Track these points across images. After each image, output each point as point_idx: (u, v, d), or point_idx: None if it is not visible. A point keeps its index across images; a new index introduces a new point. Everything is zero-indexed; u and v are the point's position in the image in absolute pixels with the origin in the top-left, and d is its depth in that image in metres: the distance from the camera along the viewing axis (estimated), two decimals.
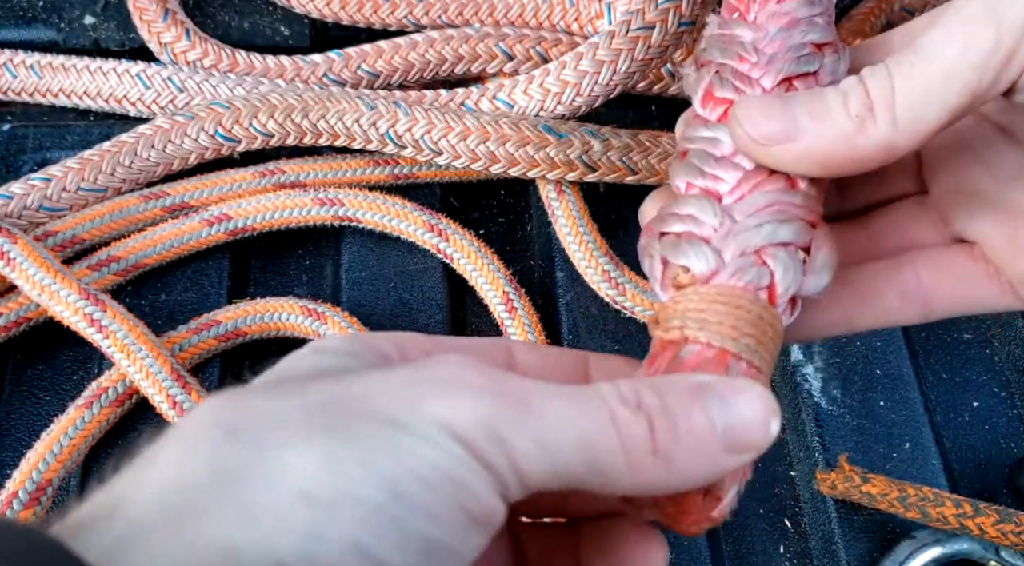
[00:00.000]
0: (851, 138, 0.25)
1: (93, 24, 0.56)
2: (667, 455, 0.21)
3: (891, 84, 0.25)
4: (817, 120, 0.25)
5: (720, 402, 0.22)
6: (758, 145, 0.26)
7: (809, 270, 0.26)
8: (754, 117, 0.26)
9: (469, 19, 0.54)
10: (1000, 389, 0.50)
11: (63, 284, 0.44)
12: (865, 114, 0.25)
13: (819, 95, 0.26)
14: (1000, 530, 0.41)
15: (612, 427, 0.21)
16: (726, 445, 0.22)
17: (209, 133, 0.49)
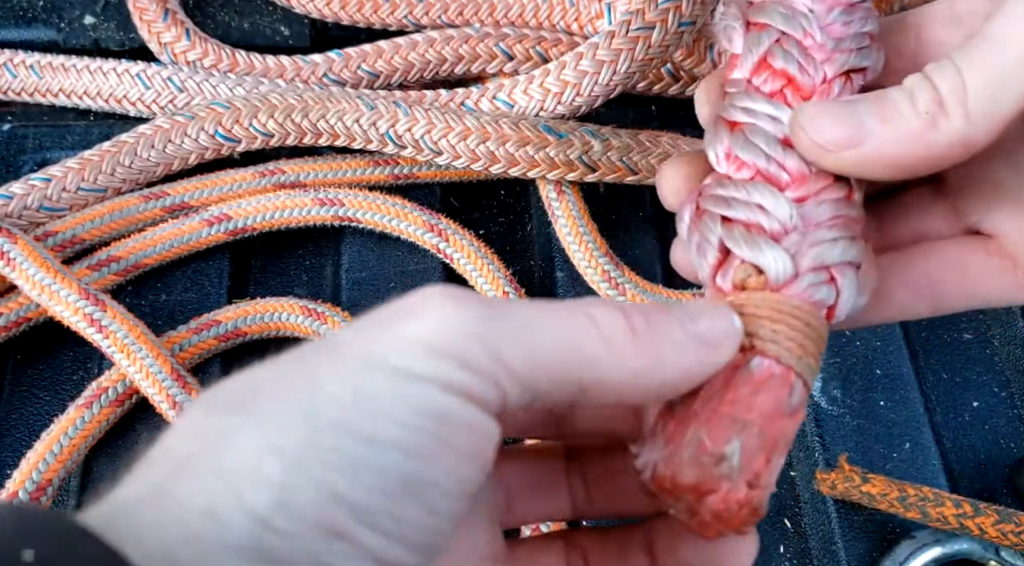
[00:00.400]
0: (923, 137, 0.24)
1: (93, 24, 0.56)
2: (644, 338, 0.22)
3: (961, 78, 0.24)
4: (885, 122, 0.25)
5: (680, 308, 0.23)
6: (825, 151, 0.25)
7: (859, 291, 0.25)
8: (819, 123, 0.25)
9: (469, 19, 0.54)
10: (1000, 389, 0.50)
11: (63, 284, 0.44)
12: (936, 111, 0.24)
13: (884, 96, 0.25)
14: (1000, 530, 0.41)
15: (591, 323, 0.22)
16: (698, 339, 0.23)
17: (209, 133, 0.49)
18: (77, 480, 0.44)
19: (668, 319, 0.23)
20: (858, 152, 0.25)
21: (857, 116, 0.25)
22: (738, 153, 0.26)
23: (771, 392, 0.23)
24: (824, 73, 0.26)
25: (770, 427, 0.22)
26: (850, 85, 0.26)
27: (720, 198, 0.25)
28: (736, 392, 0.23)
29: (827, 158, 0.25)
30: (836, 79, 0.26)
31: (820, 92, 0.26)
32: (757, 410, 0.23)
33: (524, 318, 0.21)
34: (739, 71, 0.27)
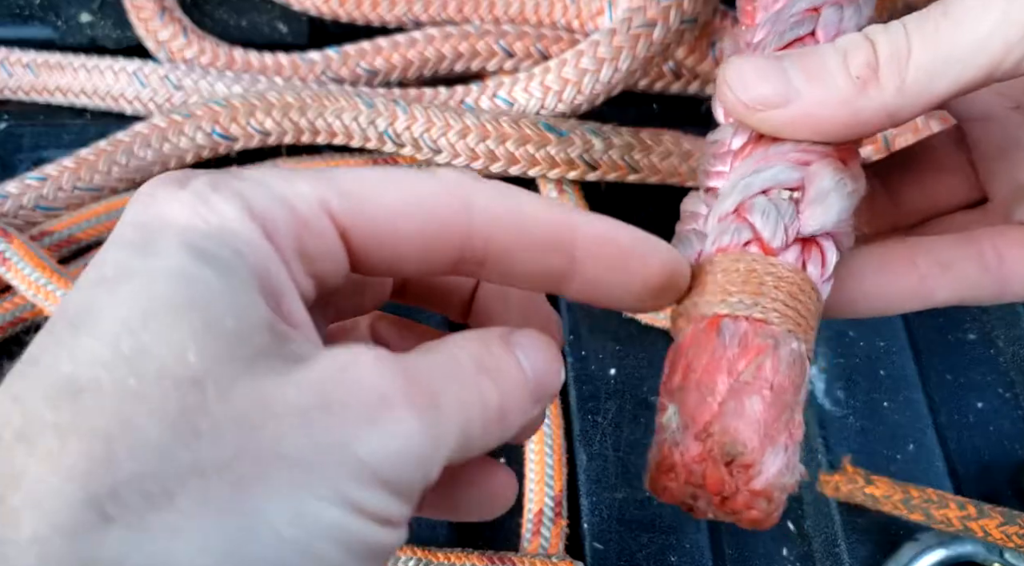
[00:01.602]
0: (851, 101, 0.23)
1: (89, 22, 0.56)
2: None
3: (908, 44, 0.23)
4: (813, 81, 0.23)
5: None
6: (751, 110, 0.24)
7: (804, 205, 0.24)
8: (745, 79, 0.24)
9: (469, 16, 0.54)
10: (1005, 391, 0.49)
11: (59, 284, 0.44)
12: (868, 75, 0.23)
13: (815, 52, 0.24)
14: (1004, 532, 0.41)
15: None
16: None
17: (206, 132, 0.48)
18: None
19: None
20: (784, 112, 0.24)
21: (784, 73, 0.24)
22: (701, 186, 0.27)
23: (698, 346, 0.23)
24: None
25: (709, 376, 0.22)
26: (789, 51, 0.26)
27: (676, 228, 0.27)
28: (672, 369, 0.24)
29: (753, 117, 0.24)
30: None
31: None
32: (688, 369, 0.23)
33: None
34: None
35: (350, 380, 0.18)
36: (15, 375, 0.18)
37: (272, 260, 0.19)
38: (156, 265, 0.17)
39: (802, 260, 0.24)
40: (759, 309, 0.23)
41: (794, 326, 0.23)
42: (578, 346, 0.48)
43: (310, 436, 0.17)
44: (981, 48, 0.22)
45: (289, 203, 0.19)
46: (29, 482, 0.15)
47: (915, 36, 0.23)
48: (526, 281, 0.22)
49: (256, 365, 0.17)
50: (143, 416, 0.16)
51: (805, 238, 0.24)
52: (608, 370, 0.48)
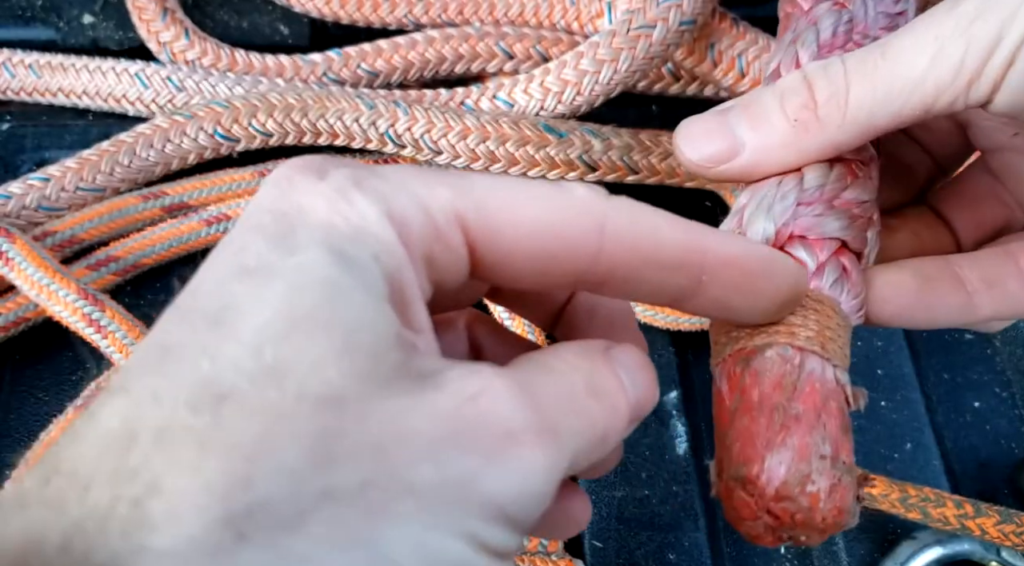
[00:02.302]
0: (794, 143, 0.24)
1: (92, 23, 0.56)
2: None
3: (846, 83, 0.24)
4: (756, 129, 0.25)
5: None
6: (705, 168, 0.25)
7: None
8: (694, 140, 0.25)
9: (469, 18, 0.54)
10: (1002, 390, 0.50)
11: (62, 284, 0.44)
12: (807, 117, 0.24)
13: (756, 100, 0.25)
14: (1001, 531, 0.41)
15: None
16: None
17: (208, 132, 0.48)
18: None
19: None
20: (735, 164, 0.25)
21: (728, 127, 0.25)
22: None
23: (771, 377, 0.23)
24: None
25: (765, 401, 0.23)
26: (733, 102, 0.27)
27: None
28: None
29: (709, 173, 0.25)
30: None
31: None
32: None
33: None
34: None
35: (481, 412, 0.17)
36: (151, 366, 0.17)
37: (405, 267, 0.18)
38: (298, 265, 0.17)
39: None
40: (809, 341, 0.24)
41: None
42: None
43: (439, 469, 0.17)
44: (915, 89, 0.23)
45: (427, 209, 0.19)
46: (168, 491, 0.15)
47: (854, 75, 0.24)
48: (644, 298, 0.22)
49: (390, 385, 0.17)
50: (284, 437, 0.16)
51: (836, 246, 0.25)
52: None
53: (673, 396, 0.47)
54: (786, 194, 0.25)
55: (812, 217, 0.25)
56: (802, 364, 0.23)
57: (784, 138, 0.24)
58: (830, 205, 0.25)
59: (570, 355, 0.20)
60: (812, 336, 0.23)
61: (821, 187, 0.25)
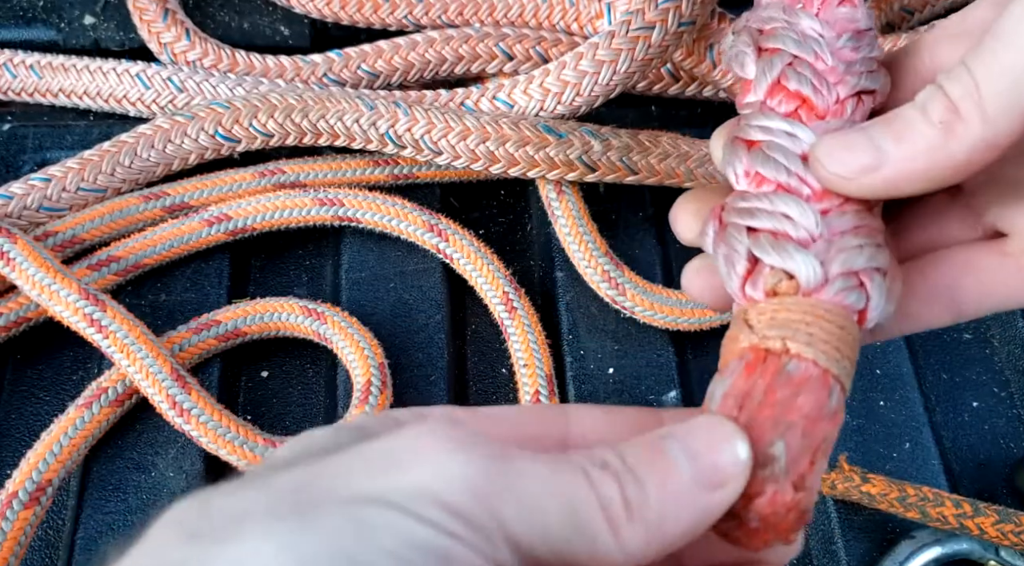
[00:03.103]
0: (943, 147, 0.24)
1: (93, 24, 0.56)
2: (641, 512, 0.21)
3: (973, 80, 0.24)
4: (901, 142, 0.24)
5: (678, 444, 0.22)
6: (847, 181, 0.25)
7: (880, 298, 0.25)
8: (837, 155, 0.25)
9: (469, 19, 0.54)
10: (1000, 389, 0.50)
11: (63, 284, 0.44)
12: (950, 118, 0.24)
13: (897, 116, 0.25)
14: (1000, 530, 0.41)
15: (590, 488, 0.20)
16: (701, 484, 0.21)
17: (209, 133, 0.49)
18: (77, 480, 0.44)
19: (664, 467, 0.21)
20: (879, 176, 0.25)
21: (872, 141, 0.25)
22: (758, 169, 0.26)
23: (811, 393, 0.23)
24: (837, 94, 0.26)
25: (812, 429, 0.23)
26: (861, 106, 0.27)
27: (744, 210, 0.26)
28: (776, 394, 0.23)
29: (851, 187, 0.25)
30: (848, 100, 0.26)
31: (833, 113, 0.26)
32: (798, 411, 0.23)
33: (529, 479, 0.20)
34: (753, 95, 0.27)
35: (413, 430, 0.21)
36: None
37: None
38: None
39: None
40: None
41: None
42: (576, 345, 0.48)
43: (368, 468, 0.20)
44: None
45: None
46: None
47: (976, 68, 0.24)
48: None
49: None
50: None
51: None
52: (607, 369, 0.48)
53: (673, 396, 0.47)
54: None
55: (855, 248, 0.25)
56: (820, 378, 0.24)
57: (932, 142, 0.24)
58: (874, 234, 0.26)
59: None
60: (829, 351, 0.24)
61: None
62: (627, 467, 0.21)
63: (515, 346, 0.47)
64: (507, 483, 0.20)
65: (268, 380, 0.48)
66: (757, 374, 0.23)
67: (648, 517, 0.21)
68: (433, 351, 0.48)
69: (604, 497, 0.20)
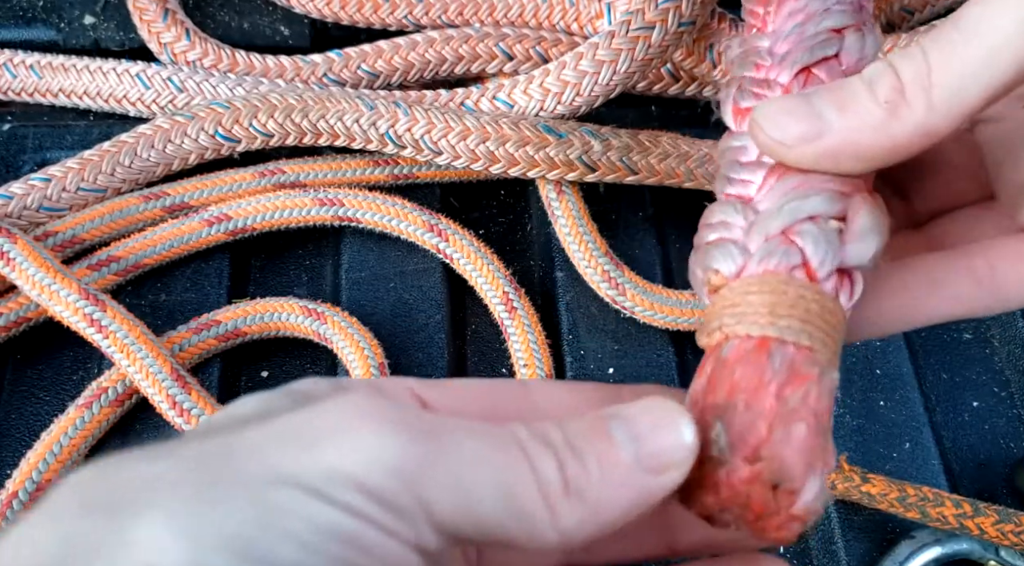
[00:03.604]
0: (884, 127, 0.23)
1: (93, 24, 0.56)
2: (580, 491, 0.20)
3: (927, 63, 0.23)
4: (844, 112, 0.24)
5: (623, 424, 0.21)
6: (784, 147, 0.24)
7: (848, 238, 0.24)
8: (775, 119, 0.24)
9: (469, 19, 0.54)
10: (1000, 389, 0.50)
11: (63, 284, 0.44)
12: (896, 99, 0.23)
13: (842, 86, 0.24)
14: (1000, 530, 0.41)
15: (527, 465, 0.20)
16: (643, 467, 0.21)
17: (209, 133, 0.49)
18: None
19: (606, 447, 0.21)
20: (818, 145, 0.24)
21: (814, 109, 0.24)
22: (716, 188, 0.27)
23: (746, 365, 0.23)
24: (779, 84, 0.26)
25: (754, 399, 0.22)
26: (813, 78, 0.26)
27: (697, 233, 0.27)
28: (715, 380, 0.23)
29: (790, 154, 0.25)
30: (794, 81, 0.26)
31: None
32: (735, 387, 0.23)
33: (458, 458, 0.19)
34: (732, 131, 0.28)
35: (336, 402, 0.20)
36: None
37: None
38: None
39: (836, 290, 0.24)
40: (806, 337, 0.23)
41: (832, 356, 0.24)
42: (577, 345, 0.48)
43: (284, 451, 0.18)
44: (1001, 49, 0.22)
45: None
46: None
47: (932, 54, 0.23)
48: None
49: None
50: None
51: (840, 269, 0.24)
52: (607, 369, 0.48)
53: None
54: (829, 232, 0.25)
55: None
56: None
57: (875, 120, 0.24)
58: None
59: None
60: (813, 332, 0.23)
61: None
62: (569, 444, 0.20)
63: (515, 346, 0.47)
64: (435, 462, 0.19)
65: (268, 380, 0.48)
66: (702, 372, 0.24)
67: (586, 497, 0.20)
68: (433, 351, 0.48)
69: (542, 474, 0.20)
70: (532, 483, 0.20)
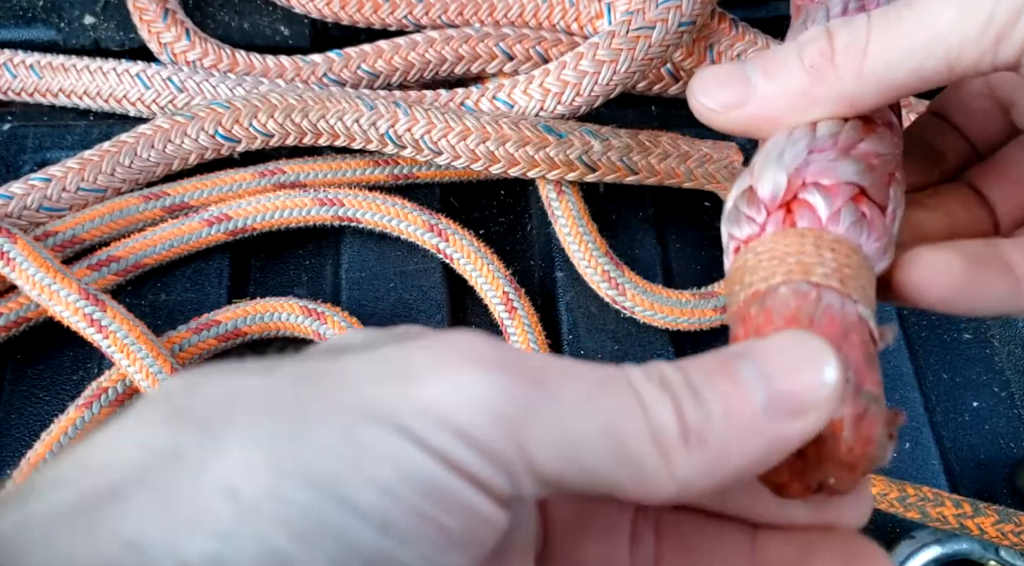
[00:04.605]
0: (807, 90, 0.24)
1: (93, 24, 0.56)
2: (701, 438, 0.18)
3: (867, 34, 0.23)
4: (770, 78, 0.24)
5: (751, 364, 0.19)
6: (715, 113, 0.25)
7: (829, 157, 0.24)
8: (707, 87, 0.25)
9: (469, 19, 0.54)
10: (1000, 389, 0.50)
11: (63, 284, 0.44)
12: (823, 64, 0.23)
13: (776, 51, 0.25)
14: (1000, 530, 0.41)
15: (640, 410, 0.18)
16: (774, 411, 0.18)
17: (209, 133, 0.49)
18: None
19: (732, 389, 0.18)
20: (743, 112, 0.24)
21: (743, 75, 0.24)
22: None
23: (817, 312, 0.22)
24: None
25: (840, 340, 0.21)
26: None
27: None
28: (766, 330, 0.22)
29: (717, 120, 0.25)
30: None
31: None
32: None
33: (563, 404, 0.18)
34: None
35: (442, 340, 0.19)
36: None
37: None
38: None
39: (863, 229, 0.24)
40: (836, 280, 0.23)
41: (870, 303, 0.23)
42: (577, 345, 0.48)
43: (378, 369, 0.18)
44: (938, 42, 0.22)
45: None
46: None
47: (876, 26, 0.23)
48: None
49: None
50: None
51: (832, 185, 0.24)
52: None
53: None
54: (797, 141, 0.24)
55: (826, 162, 0.24)
56: (819, 298, 0.22)
57: (798, 85, 0.24)
58: (845, 152, 0.24)
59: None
60: (829, 272, 0.22)
61: (835, 135, 0.24)
62: (689, 385, 0.19)
63: (515, 346, 0.47)
64: (539, 407, 0.17)
65: None
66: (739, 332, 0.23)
67: (708, 444, 0.18)
68: None
69: (657, 422, 0.18)
70: (645, 429, 0.18)
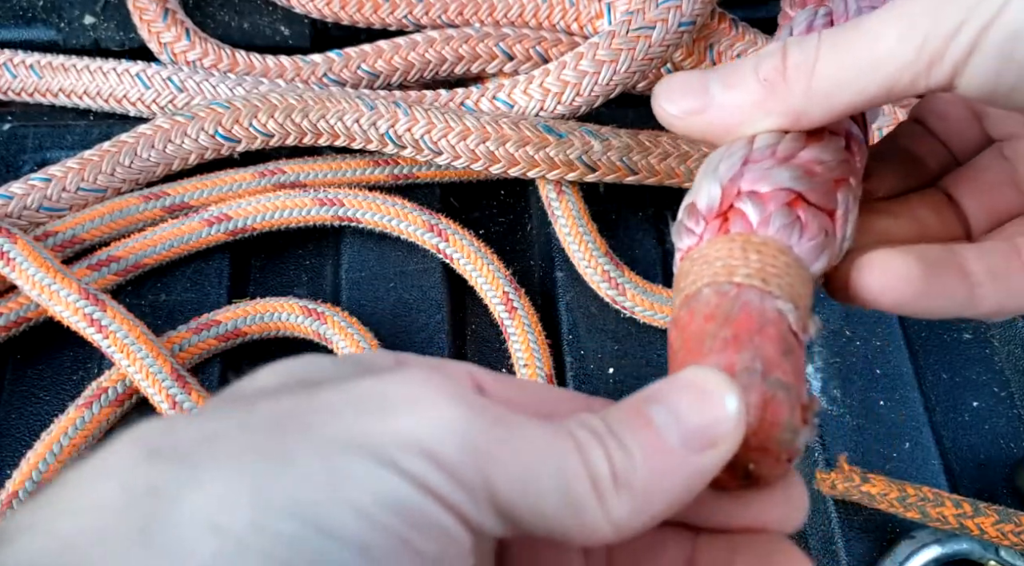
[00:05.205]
0: (761, 103, 0.25)
1: (93, 24, 0.56)
2: (628, 482, 0.19)
3: (817, 53, 0.24)
4: (728, 88, 0.26)
5: (662, 407, 0.20)
6: (675, 118, 0.26)
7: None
8: (671, 93, 0.26)
9: (469, 19, 0.54)
10: (1000, 389, 0.50)
11: (63, 284, 0.44)
12: (776, 78, 0.25)
13: (736, 65, 0.26)
14: (1000, 530, 0.41)
15: (579, 455, 0.19)
16: (688, 448, 0.20)
17: (209, 133, 0.49)
18: None
19: (648, 433, 0.20)
20: (702, 118, 0.26)
21: (705, 84, 0.26)
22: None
23: (741, 310, 0.23)
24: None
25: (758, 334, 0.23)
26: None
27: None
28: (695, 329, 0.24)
29: (678, 125, 0.26)
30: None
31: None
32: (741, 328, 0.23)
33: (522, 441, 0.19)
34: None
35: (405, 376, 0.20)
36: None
37: None
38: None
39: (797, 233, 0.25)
40: (759, 280, 0.24)
41: (804, 304, 0.24)
42: (577, 346, 0.48)
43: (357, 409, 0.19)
44: (880, 65, 0.23)
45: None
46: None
47: (825, 46, 0.25)
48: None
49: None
50: None
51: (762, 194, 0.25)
52: (607, 369, 0.48)
53: None
54: (733, 153, 0.26)
55: (761, 171, 0.25)
56: (738, 296, 0.23)
57: (752, 97, 0.25)
58: (783, 161, 0.25)
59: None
60: (752, 272, 0.24)
61: (773, 145, 0.26)
62: (612, 433, 0.20)
63: (515, 346, 0.47)
64: (503, 442, 0.19)
65: None
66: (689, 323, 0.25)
67: (635, 487, 0.19)
68: (433, 351, 0.48)
69: (593, 467, 0.19)
70: (584, 474, 0.19)
